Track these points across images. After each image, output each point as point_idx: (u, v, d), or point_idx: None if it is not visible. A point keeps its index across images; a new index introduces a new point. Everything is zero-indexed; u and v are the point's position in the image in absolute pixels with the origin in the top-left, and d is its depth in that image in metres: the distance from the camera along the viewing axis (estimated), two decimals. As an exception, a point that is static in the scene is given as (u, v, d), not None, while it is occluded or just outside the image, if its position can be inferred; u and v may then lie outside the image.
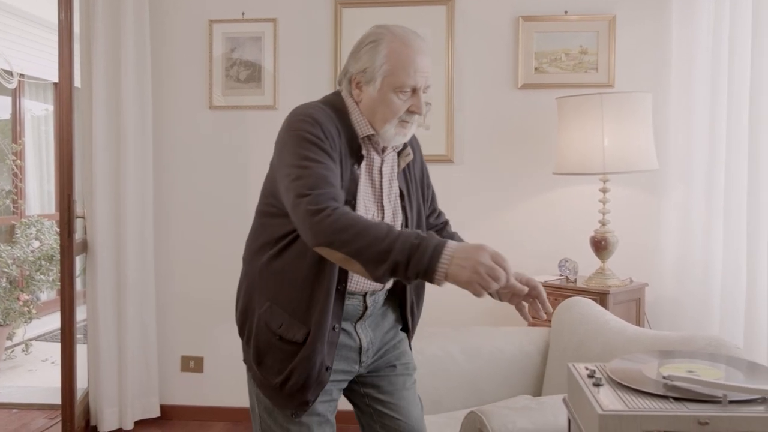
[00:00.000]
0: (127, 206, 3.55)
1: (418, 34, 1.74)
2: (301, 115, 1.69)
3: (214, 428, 3.67)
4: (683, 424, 1.26)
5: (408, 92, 1.70)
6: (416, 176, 1.91)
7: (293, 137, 1.66)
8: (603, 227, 3.17)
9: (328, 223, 1.50)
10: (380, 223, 1.52)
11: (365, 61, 1.70)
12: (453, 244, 1.47)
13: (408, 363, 1.97)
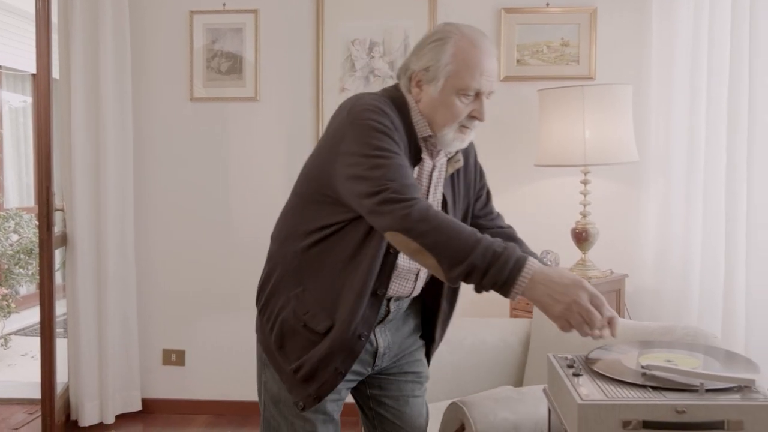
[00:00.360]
0: (108, 199, 3.52)
1: (487, 36, 1.67)
2: (367, 105, 1.61)
3: (196, 421, 3.66)
4: (661, 412, 1.28)
5: (471, 96, 1.62)
6: (465, 183, 1.83)
7: (361, 126, 1.57)
8: (584, 219, 3.19)
9: (412, 211, 1.44)
10: (464, 225, 1.47)
11: (429, 58, 1.63)
12: (538, 265, 1.41)
13: (421, 372, 1.92)
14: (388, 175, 1.50)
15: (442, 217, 1.46)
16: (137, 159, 3.69)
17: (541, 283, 1.39)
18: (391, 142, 1.56)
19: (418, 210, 1.45)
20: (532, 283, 1.40)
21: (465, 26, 1.66)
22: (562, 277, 1.40)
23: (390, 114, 1.60)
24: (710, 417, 1.27)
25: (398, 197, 1.47)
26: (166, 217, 3.76)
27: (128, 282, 3.66)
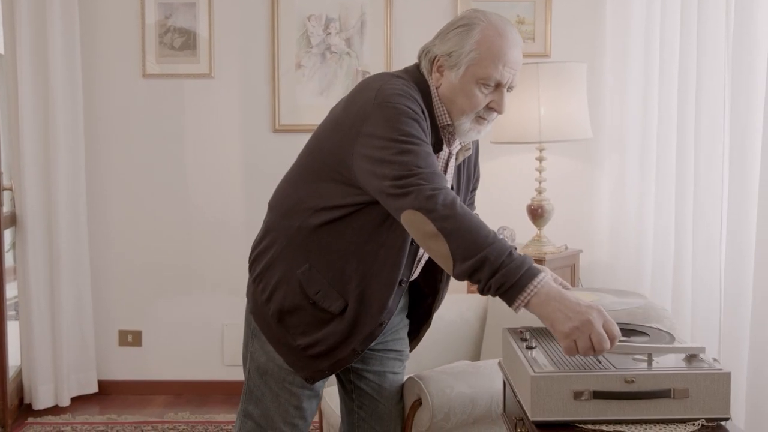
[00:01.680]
0: (58, 178, 3.44)
1: (514, 26, 1.64)
2: (397, 89, 1.57)
3: (154, 402, 3.63)
4: (611, 383, 1.31)
5: (491, 86, 1.60)
6: (467, 173, 1.82)
7: (390, 109, 1.53)
8: (539, 195, 3.23)
9: (439, 194, 1.43)
10: (485, 224, 1.45)
11: (453, 44, 1.60)
12: (552, 282, 1.38)
13: (403, 351, 1.94)
14: (417, 162, 1.47)
15: (466, 209, 1.45)
16: (89, 136, 3.61)
17: (555, 299, 1.34)
18: (419, 129, 1.53)
19: (445, 195, 1.43)
20: (544, 297, 1.35)
21: (493, 15, 1.63)
22: (579, 299, 1.35)
23: (419, 100, 1.59)
24: (657, 386, 1.31)
25: (425, 183, 1.45)
26: (120, 197, 3.69)
27: (81, 262, 3.59)
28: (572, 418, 1.32)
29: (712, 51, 2.53)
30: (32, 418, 3.40)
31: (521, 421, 1.44)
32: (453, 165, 1.74)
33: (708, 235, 2.46)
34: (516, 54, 1.60)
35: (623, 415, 1.31)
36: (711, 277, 2.44)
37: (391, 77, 1.64)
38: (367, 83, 1.64)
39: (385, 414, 1.90)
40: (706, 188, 2.50)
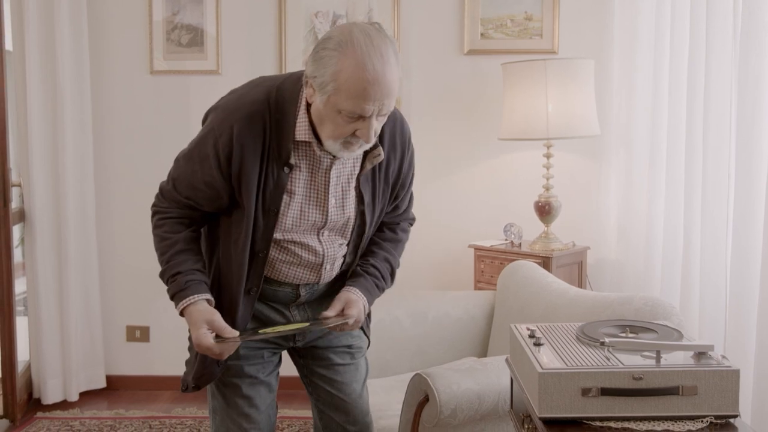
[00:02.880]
0: (66, 174, 3.45)
1: (386, 51, 1.47)
2: (227, 107, 1.63)
3: (161, 397, 3.65)
4: (619, 379, 1.31)
5: (355, 117, 1.50)
6: (386, 179, 1.75)
7: (202, 131, 1.68)
8: (547, 192, 3.23)
9: (153, 213, 1.79)
10: (172, 244, 1.68)
11: (315, 68, 1.50)
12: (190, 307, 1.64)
13: (352, 344, 1.90)
14: (175, 166, 1.77)
15: (160, 234, 1.71)
16: (96, 132, 3.62)
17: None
18: (203, 160, 1.64)
19: (154, 219, 1.77)
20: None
21: (363, 38, 1.46)
22: (192, 318, 1.64)
23: (235, 126, 1.58)
24: (666, 383, 1.31)
25: (158, 199, 1.79)
26: (128, 193, 3.70)
27: (89, 258, 3.61)
28: (580, 415, 1.32)
29: (720, 47, 2.52)
30: (41, 413, 3.42)
31: (528, 418, 1.44)
32: (355, 171, 1.70)
33: (715, 233, 2.45)
34: (379, 89, 1.46)
35: (631, 411, 1.31)
36: (718, 275, 2.43)
37: (234, 96, 1.66)
38: (226, 95, 1.70)
39: (342, 405, 1.87)
40: (713, 186, 2.50)
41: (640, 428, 1.30)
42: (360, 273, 1.78)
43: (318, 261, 1.73)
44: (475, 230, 3.53)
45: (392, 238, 1.86)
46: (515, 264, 2.80)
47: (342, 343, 1.89)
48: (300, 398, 3.33)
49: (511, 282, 2.71)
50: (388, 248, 1.83)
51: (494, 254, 3.29)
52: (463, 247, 3.46)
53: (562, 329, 1.56)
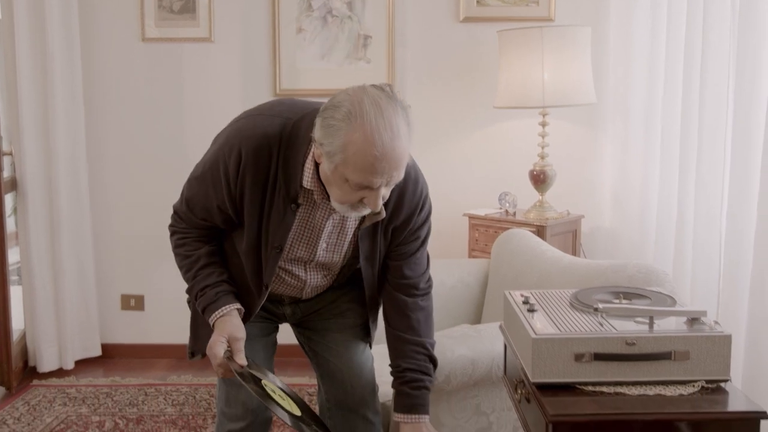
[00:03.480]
0: (57, 142, 3.43)
1: (396, 122, 1.42)
2: (243, 129, 1.60)
3: (157, 365, 3.66)
4: (612, 345, 1.32)
5: (363, 186, 1.46)
6: (386, 235, 1.70)
7: (218, 139, 1.66)
8: (542, 161, 3.22)
9: (171, 233, 1.80)
10: (196, 260, 1.71)
11: (323, 135, 1.44)
12: (220, 319, 1.64)
13: (346, 321, 1.88)
14: (188, 186, 1.72)
15: (182, 253, 1.74)
16: (88, 101, 3.59)
17: None
18: (214, 181, 1.62)
19: (173, 239, 1.78)
20: None
21: (373, 108, 1.41)
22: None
23: (243, 151, 1.56)
24: (658, 348, 1.32)
25: (174, 220, 1.79)
26: (121, 161, 3.68)
27: (83, 227, 3.60)
28: (573, 380, 1.33)
29: (718, 15, 2.50)
30: (37, 380, 3.43)
31: (522, 383, 1.45)
32: (351, 226, 1.68)
33: (709, 201, 2.46)
34: (387, 164, 1.42)
35: (624, 376, 1.33)
36: (711, 243, 2.44)
37: (257, 118, 1.61)
38: (248, 113, 1.67)
39: (337, 372, 1.86)
40: (709, 154, 2.49)
41: (632, 392, 1.31)
42: (406, 393, 1.72)
43: (300, 285, 1.78)
44: (469, 199, 3.53)
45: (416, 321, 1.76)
46: (509, 232, 2.80)
47: (338, 319, 1.89)
48: (294, 365, 3.36)
49: (506, 250, 2.71)
50: (416, 341, 1.75)
51: (489, 223, 3.29)
52: (457, 216, 3.46)
53: (555, 296, 1.56)
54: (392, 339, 1.76)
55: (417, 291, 1.77)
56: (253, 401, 1.82)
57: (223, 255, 1.75)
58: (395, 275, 1.75)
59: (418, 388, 1.71)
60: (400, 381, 1.72)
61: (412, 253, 1.74)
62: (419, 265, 1.76)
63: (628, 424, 1.24)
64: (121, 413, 3.07)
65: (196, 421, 2.97)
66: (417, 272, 1.76)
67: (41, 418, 3.01)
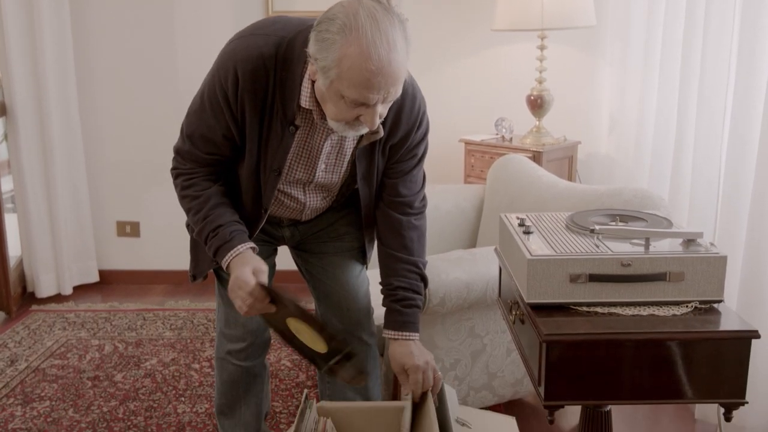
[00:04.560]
0: (46, 65, 3.36)
1: (394, 35, 1.36)
2: (235, 51, 1.53)
3: (154, 291, 3.70)
4: (607, 266, 1.32)
5: (358, 103, 1.41)
6: (384, 153, 1.66)
7: (216, 63, 1.57)
8: (539, 86, 3.17)
9: (175, 174, 1.69)
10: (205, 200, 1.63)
11: (317, 50, 1.39)
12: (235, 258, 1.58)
13: (343, 244, 1.88)
14: (187, 122, 1.64)
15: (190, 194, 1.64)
16: (75, 23, 3.49)
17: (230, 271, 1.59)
18: (213, 104, 1.56)
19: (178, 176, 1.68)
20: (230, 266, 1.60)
21: (369, 20, 1.34)
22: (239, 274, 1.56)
23: (239, 72, 1.50)
24: (654, 269, 1.32)
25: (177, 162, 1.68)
26: (112, 85, 3.61)
27: (75, 153, 3.56)
28: (567, 301, 1.33)
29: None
30: (36, 306, 3.47)
31: (516, 305, 1.46)
32: (349, 147, 1.65)
33: (711, 125, 2.42)
34: (383, 79, 1.36)
35: (618, 297, 1.33)
36: (711, 167, 2.42)
37: (244, 36, 1.56)
38: (241, 33, 1.59)
39: (333, 294, 1.87)
40: (712, 78, 2.44)
41: (626, 313, 1.32)
42: (397, 310, 1.70)
43: (299, 208, 1.75)
44: (465, 124, 3.50)
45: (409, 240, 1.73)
46: (505, 158, 2.78)
47: (335, 239, 1.89)
48: (292, 291, 3.38)
49: (501, 175, 2.70)
50: (409, 259, 1.73)
51: (485, 148, 3.26)
52: (453, 141, 3.43)
53: (551, 218, 1.56)
54: (385, 258, 1.75)
55: (411, 210, 1.74)
56: (252, 323, 1.84)
57: (231, 191, 1.70)
58: (390, 193, 1.72)
59: (409, 306, 1.71)
60: (392, 299, 1.72)
61: (408, 171, 1.71)
62: (415, 184, 1.74)
63: (620, 344, 1.26)
64: (120, 337, 3.11)
65: (194, 345, 3.02)
66: (412, 190, 1.73)
67: (42, 342, 3.05)
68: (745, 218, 2.17)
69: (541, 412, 2.45)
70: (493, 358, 2.23)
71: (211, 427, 2.39)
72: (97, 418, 2.45)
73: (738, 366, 1.26)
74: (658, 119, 2.83)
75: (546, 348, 1.25)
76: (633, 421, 2.45)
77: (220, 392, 1.96)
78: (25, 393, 2.62)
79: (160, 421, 2.43)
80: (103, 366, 2.83)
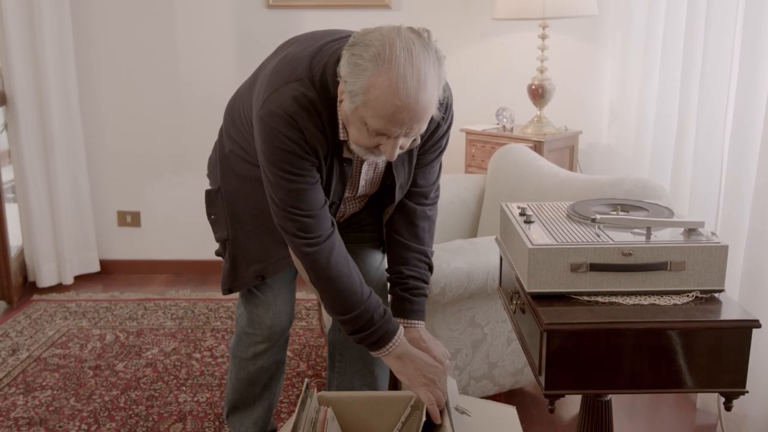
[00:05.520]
0: (46, 54, 3.35)
1: (426, 72, 1.34)
2: (280, 109, 1.46)
3: (155, 281, 3.70)
4: (608, 255, 1.32)
5: (380, 133, 1.41)
6: (413, 153, 1.66)
7: (267, 129, 1.48)
8: (540, 75, 3.16)
9: (311, 255, 1.56)
10: (357, 284, 1.58)
11: (347, 72, 1.38)
12: (402, 344, 1.60)
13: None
14: (288, 200, 1.52)
15: (335, 271, 1.56)
16: (76, 11, 3.49)
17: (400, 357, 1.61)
18: (295, 159, 1.48)
19: (318, 254, 1.55)
20: (392, 356, 1.61)
21: (404, 53, 1.33)
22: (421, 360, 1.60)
23: (299, 122, 1.46)
24: (655, 259, 1.31)
25: (300, 233, 1.54)
26: (112, 75, 3.60)
27: (75, 143, 3.56)
28: (568, 290, 1.33)
29: None
30: (37, 295, 3.47)
31: (517, 294, 1.46)
32: (382, 160, 1.63)
33: (712, 116, 2.41)
34: (408, 116, 1.35)
35: (619, 286, 1.33)
36: (712, 157, 2.41)
37: (283, 87, 1.48)
38: (274, 72, 1.52)
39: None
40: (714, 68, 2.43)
41: (627, 302, 1.32)
42: (407, 299, 1.71)
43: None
44: (466, 114, 3.49)
45: (421, 230, 1.74)
46: (506, 147, 2.78)
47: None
48: (292, 281, 3.39)
49: (502, 165, 2.69)
50: (419, 248, 1.74)
51: (486, 138, 3.26)
52: (454, 131, 3.41)
53: (553, 208, 1.55)
54: (396, 246, 1.75)
55: (426, 200, 1.75)
56: (277, 322, 1.84)
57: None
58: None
59: (418, 295, 1.73)
60: (402, 287, 1.72)
61: (429, 162, 1.71)
62: (432, 174, 1.75)
63: (621, 333, 1.25)
64: (121, 326, 3.12)
65: (195, 334, 3.02)
66: (429, 181, 1.74)
67: (43, 331, 3.06)
68: (747, 208, 2.16)
69: (542, 402, 2.46)
70: (494, 348, 2.23)
71: (212, 416, 2.40)
72: (99, 407, 2.45)
73: (739, 355, 1.26)
74: (659, 109, 2.82)
75: (547, 337, 1.25)
76: (633, 411, 2.45)
77: (234, 388, 1.97)
78: (26, 382, 2.62)
79: (161, 410, 2.44)
80: (105, 355, 2.84)
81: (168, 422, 2.37)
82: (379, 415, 1.66)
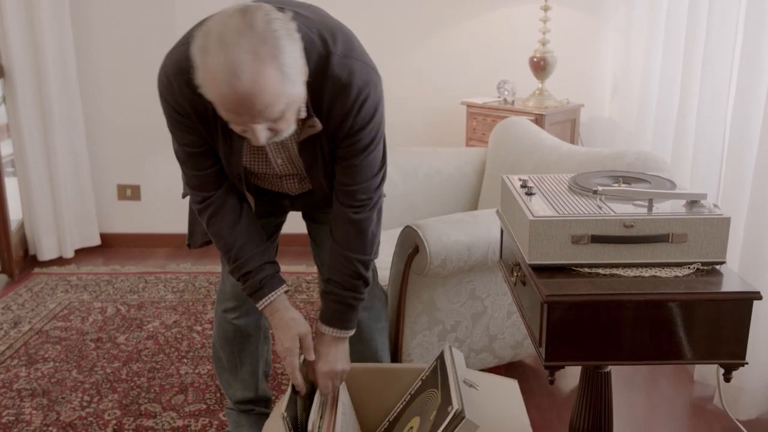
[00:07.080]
0: (43, 25, 3.31)
1: (241, 61, 1.22)
2: (161, 73, 1.50)
3: (155, 254, 3.70)
4: (609, 227, 1.31)
5: None
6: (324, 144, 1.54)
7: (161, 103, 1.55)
8: (542, 48, 3.13)
9: (199, 210, 1.66)
10: (231, 242, 1.62)
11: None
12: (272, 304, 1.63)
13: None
14: (178, 154, 1.62)
15: (214, 228, 1.64)
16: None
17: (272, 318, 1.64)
18: (175, 121, 1.54)
19: (201, 213, 1.65)
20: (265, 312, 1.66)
21: (218, 45, 1.23)
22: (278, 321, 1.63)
23: (175, 85, 1.47)
24: (656, 230, 1.31)
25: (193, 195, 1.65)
26: (110, 47, 3.57)
27: (75, 116, 3.54)
28: (569, 262, 1.33)
29: None
30: (38, 269, 3.48)
31: (517, 266, 1.46)
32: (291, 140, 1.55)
33: (715, 89, 2.40)
34: (237, 104, 1.26)
35: (620, 258, 1.33)
36: (714, 130, 2.40)
37: (178, 48, 1.49)
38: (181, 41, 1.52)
39: None
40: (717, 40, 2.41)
41: (628, 274, 1.32)
42: (325, 303, 1.67)
43: (283, 186, 1.75)
44: (467, 87, 3.46)
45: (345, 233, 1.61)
46: (508, 120, 2.76)
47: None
48: (292, 254, 3.39)
49: (503, 138, 2.68)
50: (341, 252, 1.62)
51: (487, 111, 3.24)
52: (455, 104, 3.41)
53: (554, 180, 1.55)
54: (329, 244, 1.67)
55: (353, 202, 1.59)
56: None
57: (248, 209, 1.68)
58: (336, 179, 1.61)
59: (337, 302, 1.63)
60: (322, 289, 1.69)
61: (349, 158, 1.55)
62: (358, 174, 1.57)
63: (621, 305, 1.25)
64: (122, 300, 3.13)
65: (196, 307, 3.03)
66: (354, 180, 1.57)
67: (44, 304, 3.07)
68: (749, 180, 2.16)
69: (541, 374, 2.47)
70: (494, 320, 2.24)
71: (213, 387, 2.41)
72: (101, 379, 2.47)
73: (739, 327, 1.26)
74: (662, 82, 2.80)
75: (547, 309, 1.25)
76: (632, 383, 2.47)
77: (217, 346, 2.05)
78: (29, 354, 2.64)
79: (162, 382, 2.45)
80: (106, 328, 2.85)
81: (170, 394, 2.38)
82: (389, 386, 1.70)
